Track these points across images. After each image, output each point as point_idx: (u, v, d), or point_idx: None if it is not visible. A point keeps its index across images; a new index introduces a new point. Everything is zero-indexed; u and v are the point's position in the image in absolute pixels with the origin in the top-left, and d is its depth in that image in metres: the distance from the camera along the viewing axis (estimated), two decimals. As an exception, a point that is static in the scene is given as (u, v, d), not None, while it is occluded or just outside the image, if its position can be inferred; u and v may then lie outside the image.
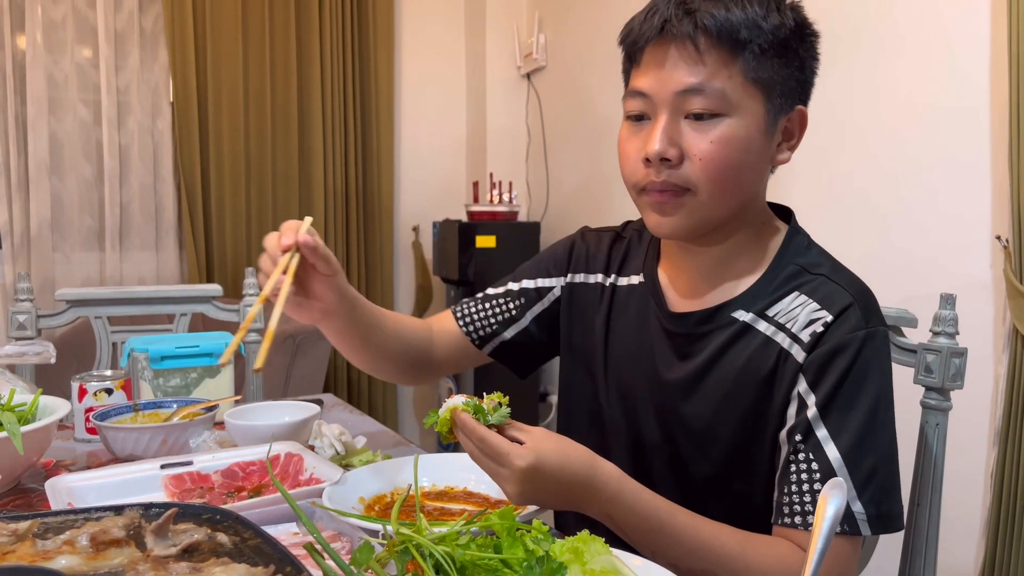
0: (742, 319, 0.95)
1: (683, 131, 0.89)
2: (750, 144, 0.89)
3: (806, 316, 0.91)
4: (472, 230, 3.44)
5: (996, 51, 1.77)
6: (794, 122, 0.94)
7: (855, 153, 2.12)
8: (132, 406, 1.36)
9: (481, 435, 0.82)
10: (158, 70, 3.57)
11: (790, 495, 0.87)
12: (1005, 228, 1.74)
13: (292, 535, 0.95)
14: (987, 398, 1.81)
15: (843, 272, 0.95)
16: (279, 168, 3.74)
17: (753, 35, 0.87)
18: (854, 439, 0.85)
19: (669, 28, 0.88)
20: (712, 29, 0.86)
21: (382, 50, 3.92)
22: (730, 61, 0.87)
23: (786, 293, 0.94)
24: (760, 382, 0.93)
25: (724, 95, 0.87)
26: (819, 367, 0.88)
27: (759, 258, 0.98)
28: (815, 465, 0.86)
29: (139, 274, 3.58)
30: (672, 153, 0.89)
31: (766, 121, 0.90)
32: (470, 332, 1.18)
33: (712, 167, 0.88)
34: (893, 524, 0.87)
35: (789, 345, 0.91)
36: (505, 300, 1.17)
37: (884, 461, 0.86)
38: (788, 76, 0.90)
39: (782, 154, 0.95)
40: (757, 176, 0.94)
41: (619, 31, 1.00)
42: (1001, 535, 1.71)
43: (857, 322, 0.89)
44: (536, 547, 0.72)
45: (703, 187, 0.89)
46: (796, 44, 0.90)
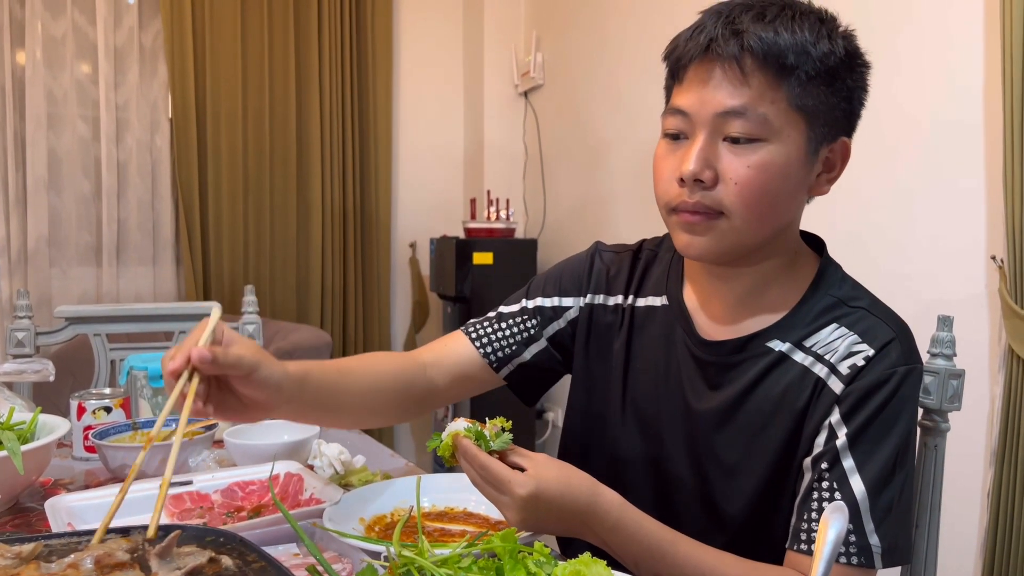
0: (778, 349, 0.93)
1: (720, 153, 0.87)
2: (788, 172, 0.87)
3: (846, 348, 0.90)
4: (469, 247, 3.45)
5: (990, 71, 1.79)
6: (836, 153, 0.93)
7: (851, 173, 2.13)
8: (131, 424, 1.35)
9: (482, 463, 0.82)
10: (157, 86, 3.59)
11: (808, 521, 0.86)
12: (1000, 248, 1.75)
13: (292, 556, 0.95)
14: (983, 418, 1.82)
15: (882, 306, 0.94)
16: (277, 184, 3.75)
17: (801, 61, 0.84)
18: (879, 473, 0.85)
19: (715, 47, 0.86)
20: (759, 51, 0.84)
21: (380, 67, 3.95)
22: (776, 86, 0.85)
23: (824, 324, 0.93)
24: (796, 413, 0.91)
25: (766, 120, 0.85)
26: (857, 400, 0.87)
27: (793, 288, 0.96)
28: (838, 495, 0.85)
29: (136, 290, 3.58)
30: (707, 175, 0.87)
31: (807, 150, 0.88)
32: (487, 354, 1.10)
33: (747, 192, 0.86)
34: (904, 557, 0.87)
35: (827, 375, 0.90)
36: (522, 318, 1.12)
37: (902, 496, 0.86)
38: (834, 106, 0.88)
39: (822, 186, 0.93)
40: (792, 205, 0.92)
41: (615, 51, 1.00)
42: (999, 554, 1.71)
43: (898, 358, 0.88)
44: (538, 570, 0.72)
45: (736, 212, 0.87)
46: (845, 73, 0.88)
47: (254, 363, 0.82)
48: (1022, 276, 1.65)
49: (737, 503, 0.95)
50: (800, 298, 0.95)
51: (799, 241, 1.00)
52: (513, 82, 3.95)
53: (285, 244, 3.78)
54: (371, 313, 4.00)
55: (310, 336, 3.22)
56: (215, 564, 0.62)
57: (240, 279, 3.63)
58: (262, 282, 3.73)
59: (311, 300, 3.83)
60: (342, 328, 3.93)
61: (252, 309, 1.90)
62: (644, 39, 2.96)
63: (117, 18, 3.48)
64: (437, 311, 4.10)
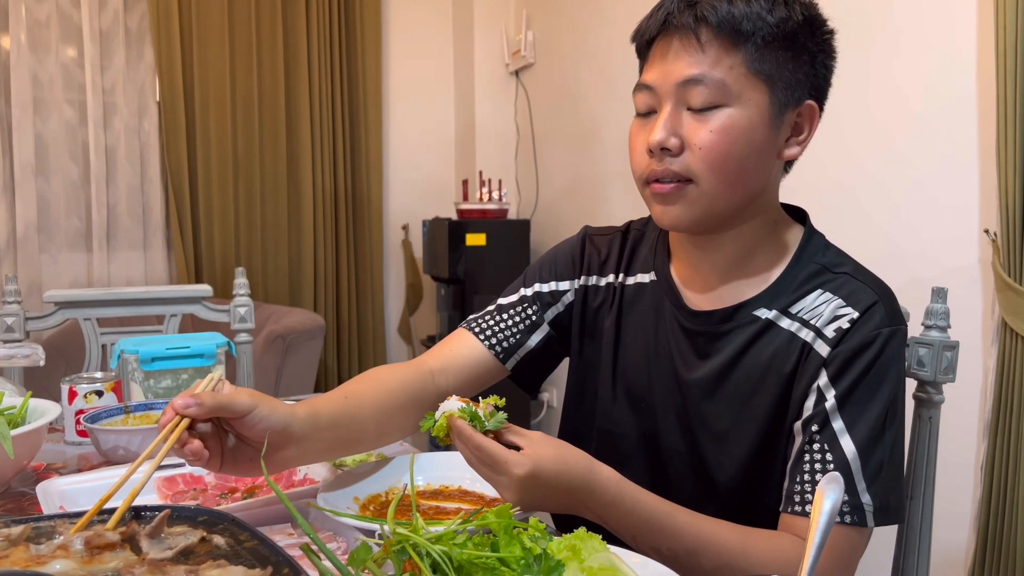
0: (765, 316, 0.95)
1: (684, 121, 0.89)
2: (752, 135, 0.89)
3: (831, 312, 0.91)
4: (462, 228, 3.43)
5: (983, 48, 1.78)
6: (804, 117, 0.94)
7: (846, 148, 2.13)
8: (123, 408, 1.34)
9: (478, 443, 0.82)
10: (144, 69, 3.55)
11: (801, 483, 0.88)
12: (993, 222, 1.75)
13: (287, 536, 0.95)
14: (977, 390, 1.82)
15: (865, 271, 0.96)
16: (267, 167, 3.73)
17: (756, 27, 0.87)
18: (869, 433, 0.86)
19: (671, 20, 0.90)
20: (713, 21, 0.87)
21: (370, 48, 3.91)
22: (731, 51, 0.87)
23: (809, 291, 0.94)
24: (783, 378, 0.93)
25: (725, 85, 0.87)
26: (843, 362, 0.88)
27: (776, 256, 0.98)
28: (829, 456, 0.86)
29: (127, 275, 3.56)
30: (673, 143, 0.89)
31: (771, 113, 0.90)
32: (493, 346, 1.10)
33: (712, 156, 0.88)
34: (896, 516, 0.88)
35: (813, 340, 0.91)
36: (522, 307, 1.12)
37: (892, 455, 0.88)
38: (795, 69, 0.90)
39: (790, 148, 0.94)
40: (762, 169, 0.93)
41: (606, 30, 1.00)
42: (992, 526, 1.72)
43: (882, 319, 0.89)
44: (533, 545, 0.72)
45: (704, 177, 0.89)
46: (805, 38, 0.90)
47: (249, 404, 0.81)
48: (1015, 249, 1.65)
49: (729, 470, 0.96)
50: (785, 267, 0.97)
51: (779, 210, 1.01)
52: (504, 61, 3.92)
53: (276, 227, 3.76)
54: (364, 296, 3.99)
55: (303, 319, 3.21)
56: (207, 543, 0.61)
57: (231, 263, 3.62)
58: (254, 266, 3.72)
59: (304, 283, 3.82)
60: (335, 311, 3.92)
61: (243, 291, 1.89)
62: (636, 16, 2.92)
63: (102, 1, 3.44)
64: (431, 293, 4.09)
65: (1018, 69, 1.61)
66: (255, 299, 3.57)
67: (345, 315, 3.94)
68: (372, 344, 4.00)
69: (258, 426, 0.82)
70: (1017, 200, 1.63)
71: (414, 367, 1.08)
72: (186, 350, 1.49)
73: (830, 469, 0.86)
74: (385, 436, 1.04)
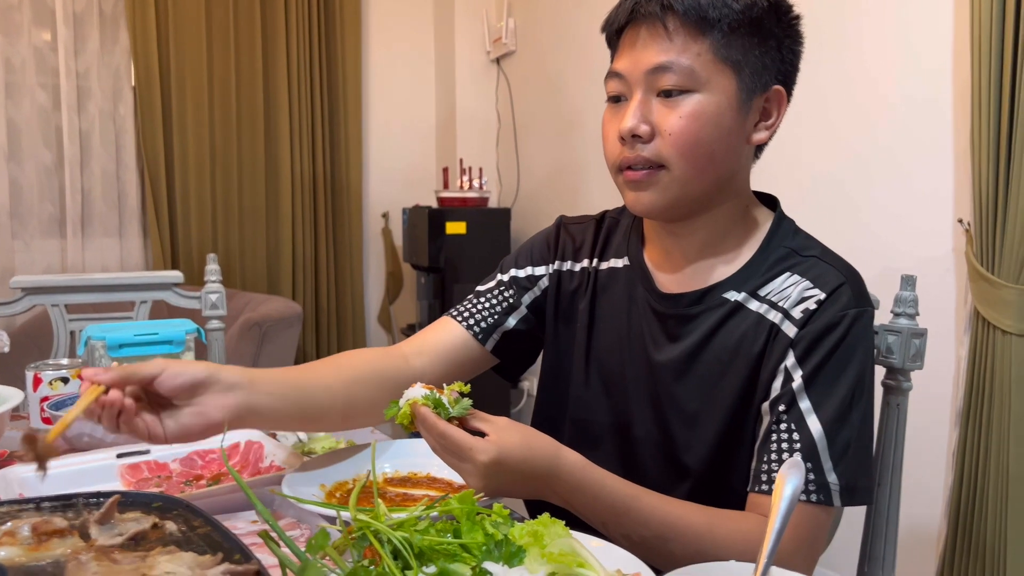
0: (734, 299, 0.96)
1: (654, 108, 0.91)
2: (720, 120, 0.90)
3: (798, 294, 0.92)
4: (442, 216, 3.41)
5: (959, 41, 1.78)
6: (772, 102, 0.95)
7: (822, 138, 2.13)
8: (89, 395, 1.32)
9: (442, 431, 0.81)
10: (119, 53, 3.50)
11: (768, 463, 0.88)
12: (967, 212, 1.76)
13: (251, 523, 0.94)
14: (949, 379, 1.84)
15: (833, 254, 0.97)
16: (245, 153, 3.69)
17: (722, 14, 0.88)
18: (835, 413, 0.87)
19: (639, 10, 0.91)
20: (679, 9, 0.88)
21: (349, 34, 3.87)
22: (698, 38, 0.89)
23: (778, 274, 0.95)
24: (751, 360, 0.93)
25: (693, 72, 0.89)
26: (809, 342, 0.89)
27: (747, 240, 0.99)
28: (796, 436, 0.87)
29: (102, 262, 3.52)
30: (643, 130, 0.91)
31: (738, 98, 0.91)
32: (471, 326, 1.11)
33: (682, 142, 0.90)
34: (863, 497, 0.88)
35: (780, 321, 0.92)
36: (499, 290, 1.14)
37: (859, 436, 0.88)
38: (762, 55, 0.91)
39: (759, 133, 0.95)
40: (730, 153, 0.94)
41: (587, 16, 1.01)
42: (963, 512, 1.74)
43: (848, 301, 0.90)
44: (495, 531, 0.71)
45: (675, 162, 0.91)
46: (771, 24, 0.91)
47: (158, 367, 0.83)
48: (988, 239, 1.66)
49: (698, 451, 0.97)
50: (755, 251, 0.98)
51: (750, 196, 1.02)
52: (485, 48, 3.89)
53: (254, 214, 3.73)
54: (343, 284, 3.96)
55: (281, 307, 3.19)
56: (158, 530, 0.60)
57: (208, 250, 3.58)
58: (231, 253, 3.68)
59: (282, 271, 3.79)
60: (314, 299, 3.89)
61: (214, 278, 1.86)
62: (616, 3, 2.91)
63: (75, -17, 3.38)
64: (411, 281, 4.07)
65: (992, 63, 1.62)
66: (232, 287, 3.54)
67: (324, 303, 3.91)
68: (351, 333, 3.98)
69: (174, 382, 0.83)
70: (990, 191, 1.64)
71: (387, 350, 1.09)
72: (154, 336, 1.47)
73: (797, 448, 0.86)
74: (353, 415, 1.03)
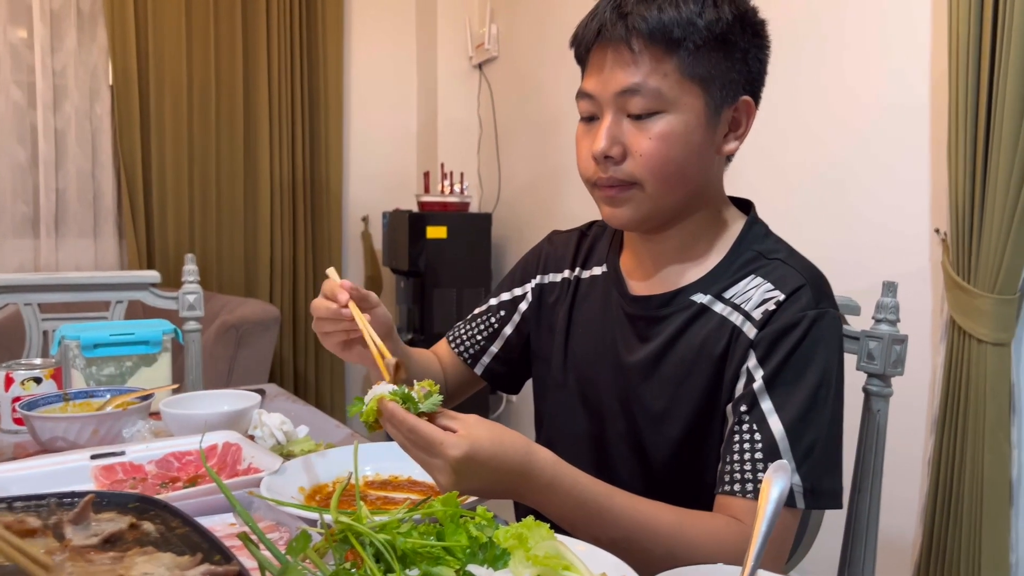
0: (700, 301, 0.98)
1: (625, 129, 0.93)
2: (690, 138, 0.92)
3: (760, 296, 0.94)
4: (423, 220, 3.40)
5: (936, 49, 1.81)
6: (740, 112, 0.96)
7: (801, 146, 2.15)
8: (62, 395, 1.30)
9: (411, 425, 0.79)
10: (97, 52, 3.45)
11: (731, 464, 0.89)
12: (943, 221, 1.78)
13: (229, 526, 0.92)
14: (925, 387, 1.85)
15: (798, 257, 0.98)
16: (223, 155, 3.65)
17: (687, 33, 0.89)
18: (797, 413, 0.87)
19: (605, 32, 0.92)
20: (644, 31, 0.89)
21: (331, 36, 3.86)
22: (664, 59, 0.90)
23: (743, 276, 0.97)
24: (714, 361, 0.95)
25: (660, 93, 0.90)
26: (769, 343, 0.90)
27: (718, 245, 1.01)
28: (758, 436, 0.88)
29: (76, 262, 3.47)
30: (616, 151, 0.93)
31: (706, 114, 0.92)
32: (461, 352, 1.20)
33: (653, 162, 0.92)
34: (828, 501, 0.88)
35: (742, 323, 0.93)
36: (487, 315, 1.20)
37: (824, 438, 0.88)
38: (729, 68, 0.92)
39: (729, 144, 0.97)
40: (702, 167, 0.95)
41: (570, 23, 1.02)
42: (938, 521, 1.75)
43: (808, 302, 0.91)
44: (479, 534, 0.70)
45: (647, 181, 0.93)
46: (736, 36, 0.92)
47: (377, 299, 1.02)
48: (964, 249, 1.68)
49: (664, 450, 0.98)
50: (725, 254, 1.00)
51: (724, 200, 1.04)
52: (467, 54, 3.89)
53: (232, 216, 3.69)
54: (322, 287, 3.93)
55: (258, 310, 3.15)
56: (136, 530, 0.59)
57: (185, 251, 3.52)
58: (208, 255, 3.64)
59: (259, 274, 3.75)
60: (292, 303, 3.86)
61: (192, 278, 1.84)
62: (599, 11, 2.92)
63: (53, -21, 3.34)
64: (390, 286, 4.05)
65: (970, 73, 1.64)
66: (209, 289, 3.50)
67: (302, 306, 3.88)
68: (329, 337, 3.94)
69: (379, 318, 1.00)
70: (966, 201, 1.66)
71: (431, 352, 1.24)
72: (130, 336, 1.45)
73: (759, 449, 0.87)
74: None
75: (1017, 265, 1.60)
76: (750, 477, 0.87)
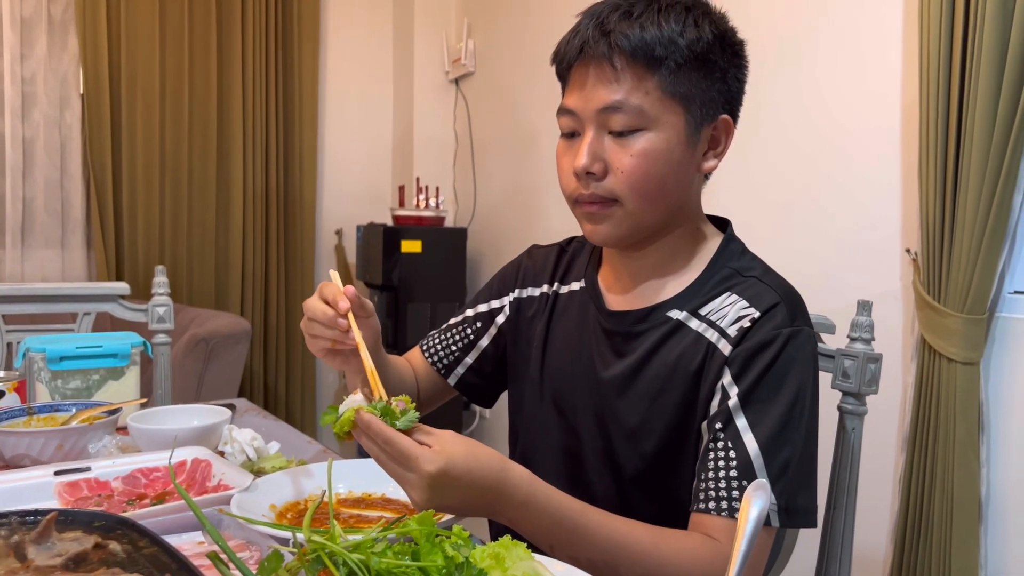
0: (676, 317, 0.98)
1: (607, 146, 0.93)
2: (671, 155, 0.93)
3: (735, 313, 0.94)
4: (397, 234, 3.38)
5: (908, 73, 1.84)
6: (720, 130, 0.97)
7: (778, 170, 2.17)
8: (26, 409, 1.27)
9: (387, 437, 0.78)
10: (68, 60, 3.41)
11: (707, 481, 0.88)
12: (914, 242, 1.80)
13: (198, 544, 0.90)
14: (896, 405, 1.87)
15: (774, 275, 0.99)
16: (196, 166, 3.61)
17: (669, 51, 0.89)
18: (772, 431, 0.87)
19: (587, 50, 0.92)
20: (626, 49, 0.90)
21: (307, 48, 3.84)
22: (646, 77, 0.90)
23: (719, 293, 0.97)
24: (689, 377, 0.95)
25: (642, 111, 0.91)
26: (744, 360, 0.90)
27: (695, 262, 1.01)
28: (733, 453, 0.87)
29: (43, 273, 3.40)
30: (597, 168, 0.93)
31: (687, 132, 0.93)
32: (435, 362, 1.19)
33: (634, 180, 0.92)
34: (803, 519, 0.88)
35: (717, 340, 0.94)
36: (463, 326, 1.20)
37: (799, 456, 0.88)
38: (709, 87, 0.93)
39: (708, 162, 0.98)
40: (682, 184, 0.96)
41: (547, 40, 1.02)
42: (908, 539, 1.76)
43: (782, 320, 0.91)
44: (456, 553, 0.69)
45: (628, 198, 0.93)
46: (717, 56, 0.93)
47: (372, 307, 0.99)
48: (935, 269, 1.70)
49: (638, 465, 0.98)
50: (701, 271, 1.00)
51: (702, 218, 1.05)
52: (444, 69, 3.89)
53: (204, 228, 3.65)
54: (294, 301, 3.89)
55: (229, 323, 3.11)
56: (101, 550, 0.57)
57: (155, 263, 3.48)
58: (179, 267, 3.59)
59: (231, 286, 3.70)
60: (263, 316, 3.82)
61: (162, 290, 1.81)
62: (576, 29, 2.93)
63: (24, -14, 3.29)
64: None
65: (940, 97, 1.67)
66: (179, 301, 3.45)
67: (273, 320, 3.83)
68: (301, 350, 3.90)
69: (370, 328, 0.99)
70: (937, 222, 1.69)
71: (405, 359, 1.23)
72: (98, 349, 1.42)
73: (733, 466, 0.87)
74: None
75: (986, 285, 1.63)
76: (724, 495, 0.87)
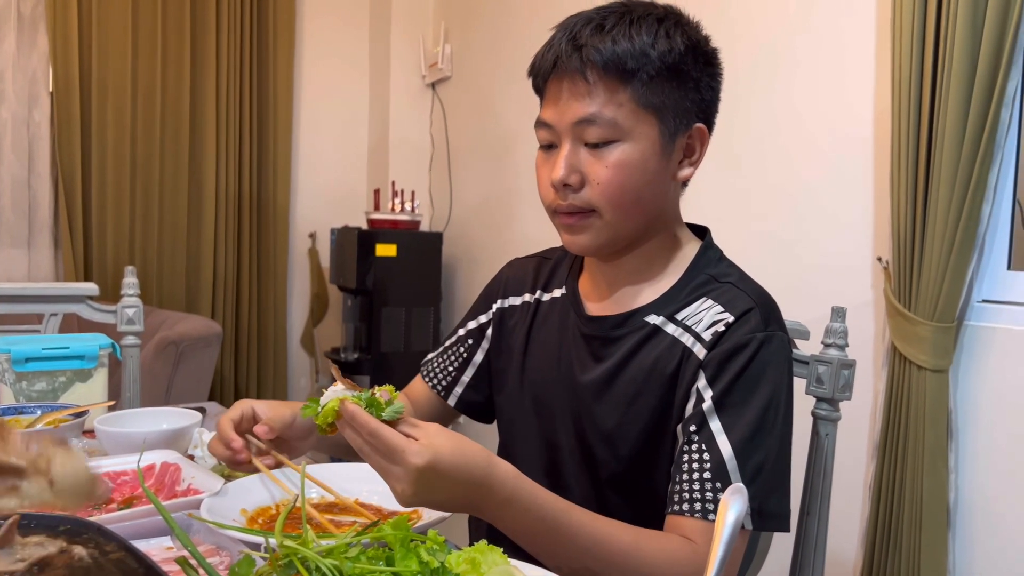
0: (653, 322, 0.99)
1: (583, 158, 0.94)
2: (646, 165, 0.94)
3: (710, 318, 0.95)
4: (372, 238, 3.36)
5: (880, 83, 1.86)
6: (694, 139, 0.98)
7: (750, 173, 2.19)
8: (-12, 412, 1.24)
9: (373, 429, 0.77)
10: (37, 57, 3.35)
11: (681, 483, 0.89)
12: (886, 250, 1.83)
13: (166, 549, 0.88)
14: (867, 412, 1.89)
15: (749, 281, 1.00)
16: (167, 167, 3.57)
17: (641, 64, 0.91)
18: (745, 434, 0.88)
19: (560, 64, 0.94)
20: (599, 62, 0.91)
21: (282, 49, 3.82)
22: (619, 90, 0.91)
23: (695, 299, 0.98)
24: (665, 381, 0.96)
25: (616, 123, 0.92)
26: (718, 364, 0.92)
27: (672, 268, 1.03)
28: (707, 456, 0.88)
29: (8, 273, 3.34)
30: (574, 179, 0.94)
31: (661, 143, 0.94)
32: (435, 385, 1.20)
33: (611, 191, 0.93)
34: (776, 523, 0.89)
35: (692, 344, 0.95)
36: (457, 346, 1.20)
37: (772, 460, 0.89)
38: (682, 97, 0.94)
39: (684, 170, 0.99)
40: (658, 194, 0.97)
41: (524, 45, 1.02)
42: (878, 544, 1.78)
43: (757, 324, 0.93)
44: (431, 558, 0.68)
45: (605, 208, 0.94)
46: (689, 66, 0.94)
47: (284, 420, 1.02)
48: (905, 277, 1.72)
49: (615, 468, 0.99)
50: (679, 277, 1.02)
51: (680, 225, 1.06)
52: (420, 73, 3.89)
53: (175, 229, 3.60)
54: (266, 304, 3.86)
55: (199, 326, 3.07)
56: (66, 555, 0.55)
57: (124, 264, 3.43)
58: (149, 269, 3.54)
59: (202, 289, 3.66)
60: (235, 319, 3.77)
61: (132, 291, 1.77)
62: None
63: (-8, -20, 3.24)
64: (337, 303, 4.00)
65: (911, 107, 1.69)
66: (149, 303, 3.40)
67: (245, 323, 3.79)
68: (273, 354, 3.87)
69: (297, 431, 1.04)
70: (907, 231, 1.71)
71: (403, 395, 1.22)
72: (65, 351, 1.39)
73: (707, 469, 0.88)
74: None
75: (955, 294, 1.65)
76: (699, 496, 0.88)
